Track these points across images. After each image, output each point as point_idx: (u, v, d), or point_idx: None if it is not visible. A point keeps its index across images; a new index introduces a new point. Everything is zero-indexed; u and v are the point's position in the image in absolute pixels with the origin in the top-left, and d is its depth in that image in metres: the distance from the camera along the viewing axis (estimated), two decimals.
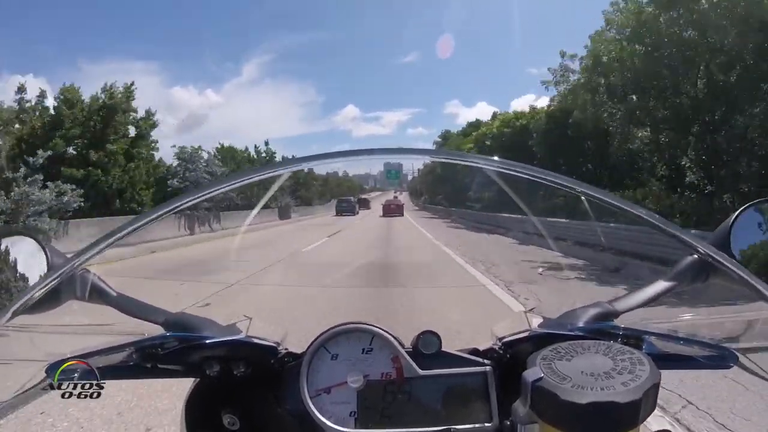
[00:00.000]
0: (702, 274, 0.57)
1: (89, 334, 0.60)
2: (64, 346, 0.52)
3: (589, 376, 0.35)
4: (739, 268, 0.47)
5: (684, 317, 0.55)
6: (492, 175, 0.53)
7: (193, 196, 0.52)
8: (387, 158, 0.58)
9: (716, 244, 0.56)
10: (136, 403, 2.20)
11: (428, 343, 0.53)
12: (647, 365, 0.36)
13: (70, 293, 0.56)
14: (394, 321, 3.71)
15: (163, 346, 0.52)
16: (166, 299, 4.31)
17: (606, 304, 0.55)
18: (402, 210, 27.24)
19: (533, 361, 0.38)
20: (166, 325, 0.54)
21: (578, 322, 0.52)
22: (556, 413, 0.34)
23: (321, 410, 0.51)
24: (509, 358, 0.53)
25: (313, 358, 0.53)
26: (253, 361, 0.54)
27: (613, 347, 0.39)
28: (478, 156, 0.53)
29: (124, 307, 0.57)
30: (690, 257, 0.57)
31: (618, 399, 0.33)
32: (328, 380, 0.53)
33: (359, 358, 0.53)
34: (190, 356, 0.53)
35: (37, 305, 0.49)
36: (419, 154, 0.61)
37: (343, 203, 30.16)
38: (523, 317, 0.56)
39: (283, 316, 3.82)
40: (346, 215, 26.40)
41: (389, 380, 0.52)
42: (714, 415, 2.08)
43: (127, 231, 0.49)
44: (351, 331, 0.54)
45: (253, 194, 13.30)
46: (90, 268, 0.56)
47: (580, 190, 0.51)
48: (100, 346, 0.51)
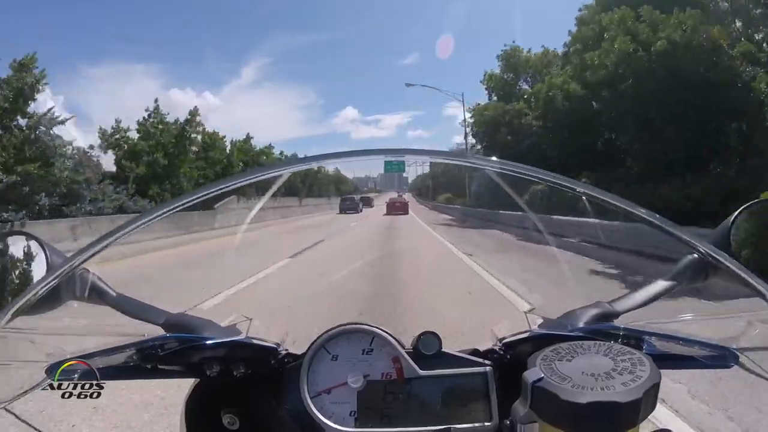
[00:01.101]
0: (702, 274, 0.57)
1: (89, 334, 0.60)
2: (64, 347, 0.52)
3: (590, 376, 0.35)
4: (739, 268, 0.47)
5: (684, 317, 0.55)
6: (492, 175, 0.53)
7: (193, 197, 0.52)
8: (388, 158, 0.58)
9: (716, 243, 0.56)
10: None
11: (428, 344, 0.53)
12: (647, 365, 0.36)
13: (70, 293, 0.56)
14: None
15: (163, 347, 0.52)
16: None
17: (606, 304, 0.55)
18: (407, 208, 26.95)
19: (533, 361, 0.38)
20: (166, 326, 0.54)
21: (578, 322, 0.52)
22: (556, 413, 0.34)
23: (321, 410, 0.51)
24: (509, 358, 0.53)
25: (313, 358, 0.53)
26: (253, 361, 0.54)
27: (613, 348, 0.39)
28: (479, 157, 0.53)
29: (123, 308, 0.57)
30: (690, 257, 0.57)
31: (618, 399, 0.33)
32: (328, 381, 0.53)
33: (359, 358, 0.53)
34: (190, 357, 0.53)
35: (37, 305, 0.49)
36: (420, 154, 0.61)
37: (346, 201, 29.73)
38: (523, 318, 0.56)
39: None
40: (350, 213, 26.23)
41: (389, 381, 0.52)
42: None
43: (127, 231, 0.49)
44: (351, 331, 0.54)
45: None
46: (90, 268, 0.56)
47: (581, 191, 0.51)
48: (100, 346, 0.51)
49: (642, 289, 0.57)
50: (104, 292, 0.58)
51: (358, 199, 32.62)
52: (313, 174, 28.57)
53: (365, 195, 42.91)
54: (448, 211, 26.44)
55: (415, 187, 73.16)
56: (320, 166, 0.60)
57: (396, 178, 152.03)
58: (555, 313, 0.56)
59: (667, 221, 0.49)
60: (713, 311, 0.55)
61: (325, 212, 27.47)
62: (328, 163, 0.61)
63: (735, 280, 0.48)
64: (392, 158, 0.57)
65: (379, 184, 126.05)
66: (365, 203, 32.71)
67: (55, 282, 0.49)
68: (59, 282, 0.50)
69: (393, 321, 3.63)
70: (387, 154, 0.55)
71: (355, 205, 28.82)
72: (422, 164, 32.42)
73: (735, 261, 0.48)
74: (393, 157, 0.57)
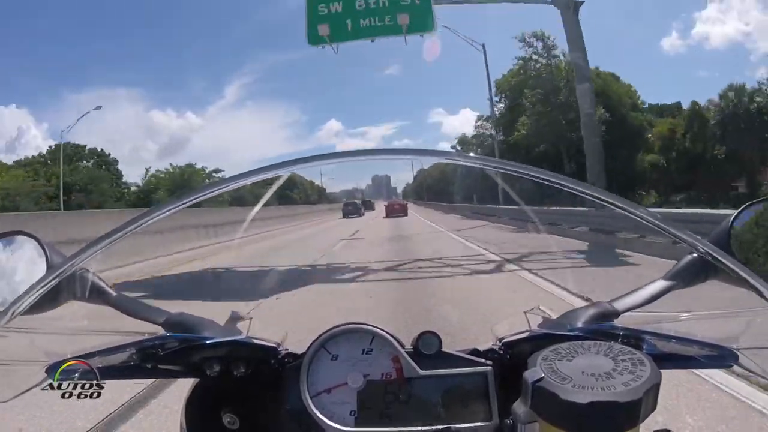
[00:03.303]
0: (702, 274, 0.57)
1: (89, 334, 0.60)
2: (64, 346, 0.52)
3: (590, 376, 0.35)
4: (739, 267, 0.47)
5: (684, 317, 0.55)
6: (490, 173, 0.54)
7: (191, 197, 0.52)
8: (386, 158, 0.58)
9: (716, 242, 0.56)
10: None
11: (428, 344, 0.53)
12: (648, 365, 0.36)
13: (70, 293, 0.56)
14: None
15: (163, 347, 0.52)
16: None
17: (606, 304, 0.55)
18: (406, 209, 27.31)
19: (534, 361, 0.38)
20: (166, 326, 0.54)
21: (578, 322, 0.52)
22: (556, 413, 0.34)
23: (321, 410, 0.51)
24: (509, 358, 0.53)
25: (313, 358, 0.53)
26: (253, 361, 0.54)
27: (613, 347, 0.39)
28: (479, 156, 0.53)
29: (123, 308, 0.57)
30: (690, 256, 0.57)
31: (618, 399, 0.33)
32: (328, 381, 0.53)
33: (359, 358, 0.53)
34: (190, 356, 0.53)
35: (37, 305, 0.49)
36: (418, 154, 0.60)
37: (349, 206, 30.40)
38: (523, 318, 0.56)
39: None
40: (352, 217, 26.58)
41: (389, 380, 0.52)
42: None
43: (127, 231, 0.49)
44: (351, 331, 0.54)
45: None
46: (90, 268, 0.56)
47: (581, 190, 0.51)
48: (100, 346, 0.51)
49: (642, 289, 0.57)
50: (104, 292, 0.58)
51: (359, 204, 33.36)
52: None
53: (367, 200, 44.09)
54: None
55: (405, 195, 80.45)
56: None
57: (384, 188, 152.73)
58: (555, 313, 0.56)
59: (666, 221, 0.49)
60: (713, 311, 0.55)
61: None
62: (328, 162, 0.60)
63: (735, 280, 0.48)
64: (392, 158, 0.57)
65: (367, 195, 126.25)
66: (367, 207, 33.68)
67: (55, 282, 0.49)
68: (59, 282, 0.50)
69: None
70: (386, 154, 0.55)
71: (357, 210, 29.50)
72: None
73: (735, 261, 0.48)
74: (393, 157, 0.57)
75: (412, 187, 67.73)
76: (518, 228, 11.92)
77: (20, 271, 0.59)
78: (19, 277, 0.58)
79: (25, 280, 0.56)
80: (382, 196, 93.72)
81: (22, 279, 0.58)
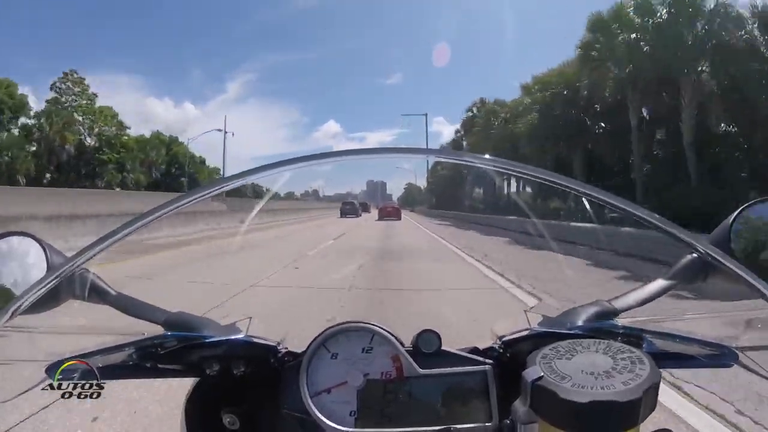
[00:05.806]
0: (702, 273, 0.57)
1: (89, 334, 0.60)
2: (64, 346, 0.52)
3: (589, 375, 0.35)
4: (739, 267, 0.47)
5: (684, 316, 0.55)
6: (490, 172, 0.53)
7: (192, 197, 0.52)
8: (386, 157, 0.58)
9: (716, 242, 0.56)
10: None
11: (428, 342, 0.53)
12: (647, 364, 0.36)
13: (70, 293, 0.55)
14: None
15: (162, 346, 0.52)
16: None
17: (606, 302, 0.55)
18: (399, 213, 27.49)
19: (533, 359, 0.38)
20: (166, 325, 0.54)
21: (578, 320, 0.52)
22: (556, 412, 0.34)
23: (321, 410, 0.51)
24: (509, 356, 0.53)
25: (312, 357, 0.53)
26: (253, 360, 0.54)
27: (613, 346, 0.39)
28: (477, 155, 0.53)
29: (123, 307, 0.57)
30: (689, 256, 0.57)
31: (618, 398, 0.33)
32: (328, 380, 0.52)
33: (359, 357, 0.53)
34: (189, 356, 0.53)
35: (37, 305, 0.49)
36: (419, 153, 0.61)
37: (347, 206, 30.89)
38: (523, 316, 0.56)
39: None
40: (350, 217, 26.78)
41: (389, 379, 0.52)
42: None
43: (128, 231, 0.48)
44: (351, 330, 0.54)
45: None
46: (90, 268, 0.56)
47: (581, 191, 0.50)
48: (100, 346, 0.51)
49: (642, 288, 0.57)
50: (104, 292, 0.57)
51: (357, 204, 34.06)
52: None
53: (364, 201, 45.64)
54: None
55: (400, 201, 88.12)
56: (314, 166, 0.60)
57: (379, 193, 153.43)
58: (555, 312, 0.56)
59: (666, 221, 0.48)
60: (713, 310, 0.55)
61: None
62: (327, 162, 0.60)
63: (735, 280, 0.48)
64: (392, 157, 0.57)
65: (362, 199, 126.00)
66: (364, 209, 34.84)
67: (55, 282, 0.49)
68: (59, 282, 0.50)
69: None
70: (386, 153, 0.55)
71: (355, 210, 29.99)
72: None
73: (735, 260, 0.48)
74: (394, 156, 0.57)
75: (404, 197, 70.32)
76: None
77: (20, 271, 0.59)
78: (19, 277, 0.58)
79: (25, 280, 0.56)
80: (376, 201, 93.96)
81: (22, 279, 0.58)
